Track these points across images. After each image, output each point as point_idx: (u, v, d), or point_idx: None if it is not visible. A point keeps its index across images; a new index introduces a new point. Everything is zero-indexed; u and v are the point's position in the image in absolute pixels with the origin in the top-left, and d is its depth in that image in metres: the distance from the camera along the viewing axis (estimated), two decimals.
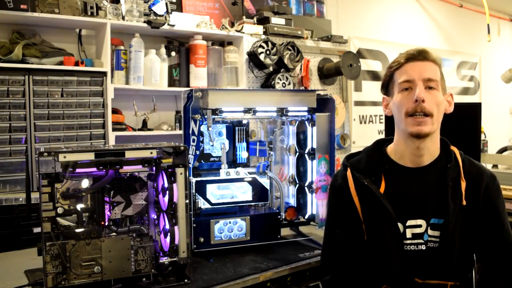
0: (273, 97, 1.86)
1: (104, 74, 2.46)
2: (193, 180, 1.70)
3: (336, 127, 2.15)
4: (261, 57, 2.89)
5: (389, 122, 1.77)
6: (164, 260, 1.46)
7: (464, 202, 1.31)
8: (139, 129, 2.70)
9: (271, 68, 3.04)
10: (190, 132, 1.72)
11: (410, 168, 1.36)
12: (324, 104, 1.87)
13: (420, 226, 1.32)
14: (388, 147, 1.43)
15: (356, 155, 1.47)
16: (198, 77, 2.83)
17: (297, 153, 1.99)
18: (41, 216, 1.29)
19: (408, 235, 1.32)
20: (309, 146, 1.90)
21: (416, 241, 1.32)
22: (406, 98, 1.31)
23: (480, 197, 1.33)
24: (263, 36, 3.01)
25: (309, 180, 1.92)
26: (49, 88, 2.30)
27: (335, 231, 1.41)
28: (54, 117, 2.32)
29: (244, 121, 1.95)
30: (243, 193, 1.78)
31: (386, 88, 1.42)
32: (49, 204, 1.31)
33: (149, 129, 2.71)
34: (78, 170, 1.33)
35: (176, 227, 1.43)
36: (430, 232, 1.32)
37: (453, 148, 1.40)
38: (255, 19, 3.07)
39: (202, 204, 1.71)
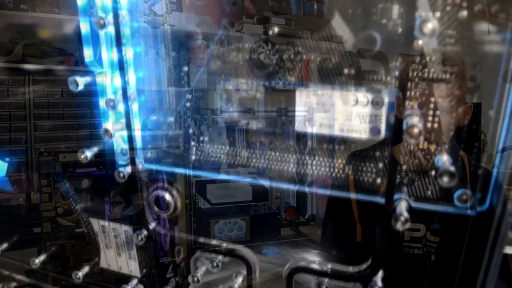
0: (273, 97, 1.85)
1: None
2: (193, 180, 1.70)
3: None
4: (261, 57, 2.89)
5: None
6: (164, 260, 1.46)
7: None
8: None
9: (271, 68, 3.04)
10: (190, 132, 1.71)
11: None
12: None
13: (418, 230, 1.30)
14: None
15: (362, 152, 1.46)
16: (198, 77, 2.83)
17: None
18: (41, 216, 1.29)
19: (406, 237, 1.31)
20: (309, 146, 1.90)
21: (413, 244, 1.30)
22: None
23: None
24: (263, 36, 3.01)
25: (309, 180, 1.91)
26: (49, 88, 2.30)
27: (328, 226, 1.45)
28: (54, 117, 2.32)
29: (244, 121, 1.94)
30: (243, 193, 1.78)
31: None
32: (49, 204, 1.31)
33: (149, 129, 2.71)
34: (78, 170, 1.33)
35: (176, 227, 1.43)
36: (429, 237, 1.30)
37: (462, 153, 1.36)
38: (255, 19, 3.07)
39: (202, 204, 1.71)
